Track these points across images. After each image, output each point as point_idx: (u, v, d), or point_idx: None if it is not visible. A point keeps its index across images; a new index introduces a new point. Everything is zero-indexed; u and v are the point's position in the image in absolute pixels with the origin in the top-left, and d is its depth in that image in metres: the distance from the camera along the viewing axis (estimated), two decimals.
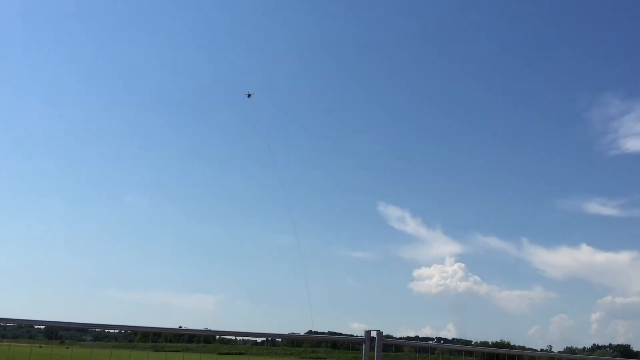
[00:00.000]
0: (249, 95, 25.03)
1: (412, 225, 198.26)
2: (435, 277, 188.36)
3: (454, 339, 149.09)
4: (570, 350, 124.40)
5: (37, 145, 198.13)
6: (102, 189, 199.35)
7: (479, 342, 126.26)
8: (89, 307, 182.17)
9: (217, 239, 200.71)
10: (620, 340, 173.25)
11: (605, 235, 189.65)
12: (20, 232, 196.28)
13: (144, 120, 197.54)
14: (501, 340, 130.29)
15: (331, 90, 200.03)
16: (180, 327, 7.21)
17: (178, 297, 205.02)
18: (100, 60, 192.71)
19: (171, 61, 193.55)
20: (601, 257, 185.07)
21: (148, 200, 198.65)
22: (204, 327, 7.32)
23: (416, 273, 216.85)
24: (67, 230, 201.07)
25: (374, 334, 6.36)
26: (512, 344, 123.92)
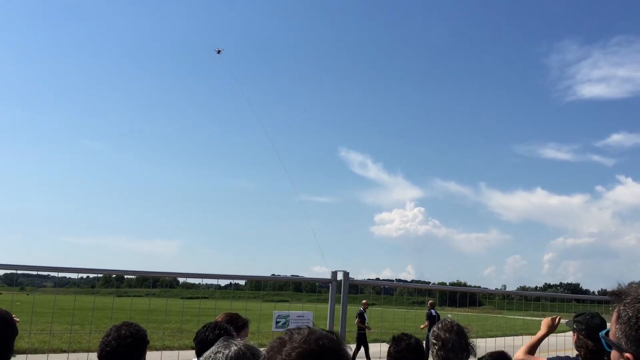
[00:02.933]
0: (218, 52, 24.24)
1: (373, 171, 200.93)
2: (396, 221, 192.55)
3: (413, 280, 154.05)
4: (522, 289, 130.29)
5: None
6: (57, 132, 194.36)
7: (437, 282, 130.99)
8: (47, 253, 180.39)
9: (177, 184, 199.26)
10: (570, 279, 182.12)
11: (560, 179, 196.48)
12: None
13: (104, 65, 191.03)
14: (458, 280, 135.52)
15: (296, 35, 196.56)
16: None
17: (139, 243, 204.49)
18: (68, 8, 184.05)
19: (138, 6, 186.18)
20: (555, 200, 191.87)
21: (106, 144, 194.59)
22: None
23: (377, 217, 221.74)
24: (23, 174, 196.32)
25: (340, 275, 6.38)
26: (468, 284, 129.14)
